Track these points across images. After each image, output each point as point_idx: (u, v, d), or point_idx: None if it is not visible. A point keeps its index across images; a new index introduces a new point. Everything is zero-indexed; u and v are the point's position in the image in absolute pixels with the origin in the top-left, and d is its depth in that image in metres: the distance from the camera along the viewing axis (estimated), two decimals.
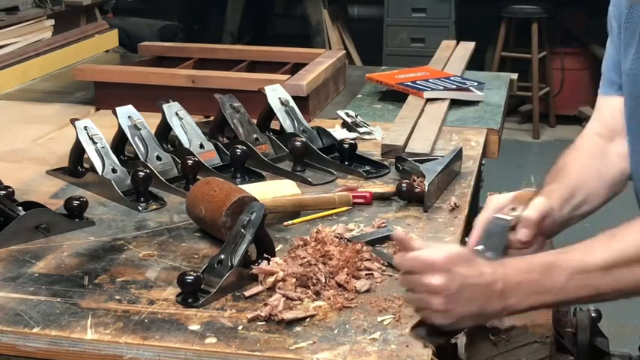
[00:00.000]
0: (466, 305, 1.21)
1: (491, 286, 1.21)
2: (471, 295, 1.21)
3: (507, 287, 1.21)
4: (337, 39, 6.56)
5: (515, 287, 1.22)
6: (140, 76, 2.53)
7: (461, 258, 1.23)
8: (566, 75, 6.53)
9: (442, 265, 1.21)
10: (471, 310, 1.22)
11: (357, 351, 1.25)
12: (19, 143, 2.27)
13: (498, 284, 1.21)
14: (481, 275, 1.22)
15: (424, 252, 1.25)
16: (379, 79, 2.75)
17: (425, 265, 1.23)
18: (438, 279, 1.21)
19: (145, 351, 1.28)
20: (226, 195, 1.62)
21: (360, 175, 1.99)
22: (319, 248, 1.49)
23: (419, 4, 6.37)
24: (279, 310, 1.34)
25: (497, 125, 2.39)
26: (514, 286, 1.22)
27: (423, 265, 1.23)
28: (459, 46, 3.24)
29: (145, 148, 1.97)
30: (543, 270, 1.22)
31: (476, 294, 1.21)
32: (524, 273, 1.23)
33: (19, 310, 1.37)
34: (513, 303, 1.22)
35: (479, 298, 1.21)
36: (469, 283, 1.21)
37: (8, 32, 3.18)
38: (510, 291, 1.22)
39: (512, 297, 1.22)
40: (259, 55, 2.87)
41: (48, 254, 1.59)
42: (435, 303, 1.22)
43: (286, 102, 2.18)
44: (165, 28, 6.37)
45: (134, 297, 1.42)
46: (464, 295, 1.21)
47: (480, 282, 1.21)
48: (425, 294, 1.23)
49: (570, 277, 1.22)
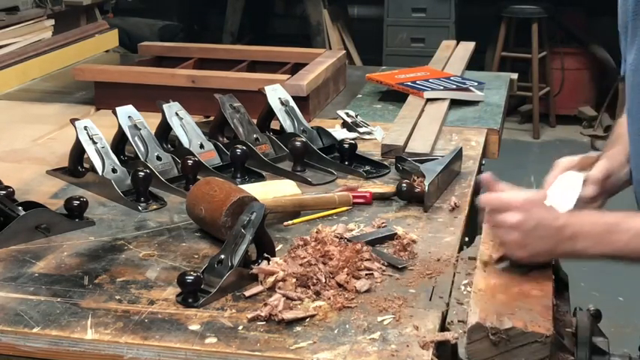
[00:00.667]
0: (539, 242, 1.38)
1: (562, 229, 1.38)
2: (544, 233, 1.38)
3: (577, 234, 1.37)
4: (337, 39, 6.56)
5: (583, 235, 1.38)
6: (140, 76, 2.53)
7: (538, 201, 1.42)
8: (566, 75, 6.54)
9: (521, 206, 1.39)
10: (544, 247, 1.38)
11: (357, 351, 1.25)
12: (19, 143, 2.28)
13: (569, 229, 1.38)
14: (555, 219, 1.39)
15: (507, 193, 1.44)
16: (379, 79, 2.75)
17: (506, 204, 1.40)
18: (517, 216, 1.38)
19: (145, 351, 1.28)
20: (226, 195, 1.62)
21: (360, 175, 1.99)
22: (319, 248, 1.49)
23: (419, 4, 6.37)
24: (279, 310, 1.34)
25: (497, 125, 2.39)
26: (583, 234, 1.38)
27: (505, 204, 1.41)
28: (459, 46, 3.24)
29: (145, 148, 1.97)
30: (610, 227, 1.38)
31: (548, 234, 1.38)
32: (592, 225, 1.39)
33: (19, 310, 1.37)
34: (580, 249, 1.38)
35: (551, 238, 1.38)
36: (543, 223, 1.38)
37: (8, 32, 3.18)
38: (579, 238, 1.37)
39: (580, 243, 1.37)
40: (259, 55, 2.87)
41: (48, 254, 1.59)
42: (513, 238, 1.39)
43: (286, 102, 2.18)
44: (165, 28, 6.37)
45: (134, 297, 1.42)
46: (538, 232, 1.37)
47: (553, 224, 1.38)
48: (505, 229, 1.40)
49: (631, 238, 1.37)
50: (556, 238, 1.38)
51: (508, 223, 1.40)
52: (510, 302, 1.31)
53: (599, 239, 1.38)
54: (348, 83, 2.87)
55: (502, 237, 1.42)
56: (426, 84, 2.62)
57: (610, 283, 3.91)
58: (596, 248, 1.38)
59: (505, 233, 1.41)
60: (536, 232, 1.38)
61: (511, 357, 1.23)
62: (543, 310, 1.28)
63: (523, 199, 1.41)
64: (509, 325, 1.23)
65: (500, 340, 1.23)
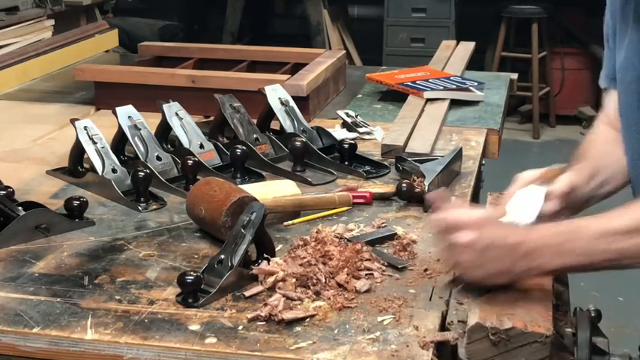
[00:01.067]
0: (494, 263, 1.31)
1: (517, 247, 1.31)
2: (498, 253, 1.31)
3: (533, 249, 1.31)
4: (337, 39, 6.56)
5: (540, 249, 1.31)
6: (140, 76, 2.53)
7: (490, 220, 1.37)
8: (566, 75, 6.54)
9: (473, 224, 1.33)
10: (499, 267, 1.32)
11: (357, 351, 1.25)
12: (19, 143, 2.28)
13: (524, 246, 1.31)
14: (507, 237, 1.32)
15: (458, 212, 1.37)
16: (379, 79, 2.75)
17: (458, 223, 1.34)
18: (469, 235, 1.32)
19: (145, 351, 1.28)
20: (226, 195, 1.62)
21: (360, 175, 1.99)
22: (319, 248, 1.49)
23: (419, 4, 6.37)
24: (279, 310, 1.34)
25: (497, 125, 2.39)
26: (539, 248, 1.31)
27: (456, 224, 1.34)
28: (459, 46, 3.24)
29: (145, 148, 1.97)
30: (567, 234, 1.32)
31: (502, 253, 1.31)
32: (549, 236, 1.32)
33: (19, 310, 1.37)
34: (539, 264, 1.31)
35: (505, 257, 1.31)
36: (496, 243, 1.31)
37: (8, 32, 3.19)
38: (536, 253, 1.31)
39: (538, 258, 1.31)
40: (259, 55, 2.87)
41: (48, 254, 1.59)
42: (467, 258, 1.33)
43: (286, 102, 2.18)
44: (165, 28, 6.38)
45: (134, 297, 1.42)
46: (491, 252, 1.31)
47: (507, 242, 1.31)
48: (456, 250, 1.34)
49: (592, 241, 1.30)
50: (511, 257, 1.31)
51: (460, 242, 1.33)
52: (510, 302, 1.31)
53: (556, 251, 1.31)
54: (348, 83, 2.87)
55: (455, 258, 1.36)
56: (426, 84, 2.62)
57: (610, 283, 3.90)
58: (556, 261, 1.32)
59: (458, 253, 1.35)
60: (490, 251, 1.31)
61: (511, 357, 1.23)
62: (543, 310, 1.28)
63: (475, 217, 1.35)
64: (509, 325, 1.23)
65: (500, 340, 1.23)
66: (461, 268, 1.37)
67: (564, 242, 1.31)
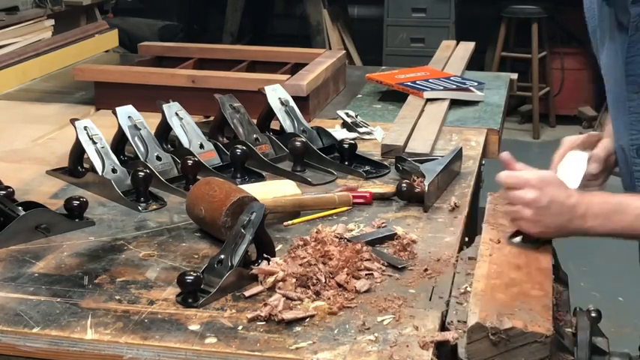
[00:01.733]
0: (552, 219, 1.47)
1: (574, 207, 1.47)
2: (557, 210, 1.47)
3: (588, 212, 1.47)
4: (337, 39, 6.56)
5: (593, 214, 1.47)
6: (140, 76, 2.53)
7: (553, 180, 1.50)
8: (566, 75, 6.53)
9: (536, 184, 1.47)
10: (556, 223, 1.48)
11: (357, 351, 1.25)
12: (19, 143, 2.28)
13: (581, 207, 1.47)
14: (568, 197, 1.47)
15: (523, 172, 1.52)
16: (379, 79, 2.75)
17: (522, 182, 1.49)
18: (532, 193, 1.46)
19: (145, 351, 1.28)
20: (226, 195, 1.62)
21: (360, 175, 1.99)
22: (319, 248, 1.49)
23: (419, 4, 6.36)
24: (279, 310, 1.34)
25: (497, 125, 2.39)
26: (592, 213, 1.47)
27: (520, 182, 1.49)
28: (459, 46, 3.24)
29: (145, 148, 1.97)
30: (617, 207, 1.48)
31: (561, 211, 1.47)
32: (601, 204, 1.48)
33: (19, 310, 1.37)
34: (589, 227, 1.48)
35: (563, 215, 1.47)
36: (557, 200, 1.46)
37: (8, 32, 3.18)
38: (589, 216, 1.47)
39: (589, 222, 1.47)
40: (259, 55, 2.87)
41: (48, 254, 1.59)
42: (527, 213, 1.48)
43: (286, 102, 2.18)
44: (165, 28, 6.37)
45: (134, 297, 1.42)
46: (551, 210, 1.46)
47: (566, 202, 1.47)
48: (520, 206, 1.48)
49: (636, 218, 1.47)
50: (568, 216, 1.47)
51: (524, 199, 1.47)
52: (510, 302, 1.31)
53: (606, 218, 1.47)
54: (348, 83, 2.87)
55: (517, 213, 1.50)
56: (425, 84, 2.62)
57: (610, 283, 3.91)
58: (604, 226, 1.48)
59: (520, 209, 1.49)
60: (550, 209, 1.46)
61: (511, 357, 1.23)
62: (543, 310, 1.28)
63: (538, 178, 1.49)
64: (509, 325, 1.23)
65: (500, 340, 1.23)
66: (522, 222, 1.50)
67: (614, 214, 1.47)
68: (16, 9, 3.37)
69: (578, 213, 1.47)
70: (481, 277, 1.39)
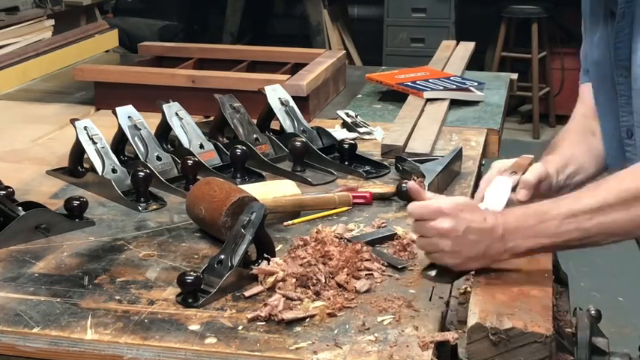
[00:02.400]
0: (471, 247, 1.36)
1: (493, 230, 1.36)
2: (476, 237, 1.36)
3: (507, 231, 1.36)
4: (337, 39, 6.56)
5: (513, 231, 1.36)
6: (140, 76, 2.53)
7: (466, 206, 1.39)
8: (566, 75, 6.53)
9: (450, 212, 1.36)
10: (476, 251, 1.36)
11: (357, 351, 1.25)
12: (19, 143, 2.28)
13: (499, 229, 1.36)
14: (484, 220, 1.36)
15: (434, 201, 1.42)
16: (379, 79, 2.75)
17: (435, 212, 1.37)
18: (447, 222, 1.36)
19: (145, 351, 1.28)
20: (226, 195, 1.62)
21: (360, 175, 1.99)
22: (319, 248, 1.49)
23: (419, 4, 6.37)
24: (279, 310, 1.34)
25: (497, 125, 2.39)
26: (513, 230, 1.36)
27: (433, 212, 1.38)
28: (459, 46, 3.24)
29: (145, 148, 1.97)
30: (538, 216, 1.36)
31: (480, 237, 1.36)
32: (520, 219, 1.37)
33: (19, 310, 1.37)
34: (513, 246, 1.36)
35: (482, 240, 1.36)
36: (474, 227, 1.35)
37: (8, 32, 3.18)
38: (510, 235, 1.36)
39: (512, 240, 1.36)
40: (259, 55, 2.87)
41: (48, 254, 1.59)
42: (444, 245, 1.36)
43: (286, 102, 2.18)
44: (165, 28, 6.38)
45: (134, 297, 1.42)
46: (469, 237, 1.35)
47: (483, 226, 1.36)
48: (435, 237, 1.37)
49: (561, 222, 1.35)
50: (488, 240, 1.36)
51: (439, 230, 1.36)
52: (510, 302, 1.30)
53: (529, 232, 1.36)
54: (348, 83, 2.87)
55: (434, 246, 1.39)
56: (425, 84, 2.62)
57: (610, 283, 3.91)
58: (529, 242, 1.36)
59: (437, 241, 1.37)
60: (467, 237, 1.36)
61: (511, 357, 1.23)
62: (543, 310, 1.28)
63: (451, 205, 1.38)
64: (509, 325, 1.23)
65: (500, 340, 1.23)
66: (439, 255, 1.39)
67: (535, 224, 1.35)
68: (16, 9, 3.36)
69: (497, 234, 1.36)
70: (481, 277, 1.39)
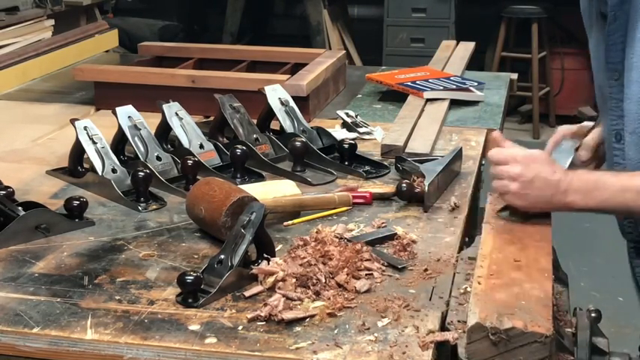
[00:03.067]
0: (537, 193, 1.56)
1: (558, 183, 1.56)
2: (542, 185, 1.56)
3: (569, 188, 1.56)
4: (337, 39, 6.56)
5: (575, 190, 1.56)
6: (140, 76, 2.53)
7: (540, 157, 1.60)
8: (566, 75, 6.53)
9: (522, 159, 1.58)
10: (541, 198, 1.56)
11: (357, 351, 1.25)
12: (19, 143, 2.28)
13: (563, 184, 1.56)
14: (552, 173, 1.56)
15: (511, 149, 1.63)
16: (379, 79, 2.75)
17: (509, 158, 1.59)
18: (518, 168, 1.57)
19: (145, 351, 1.28)
20: (226, 195, 1.62)
21: (360, 175, 1.99)
22: (319, 248, 1.49)
23: (419, 4, 6.36)
24: (279, 310, 1.34)
25: (497, 125, 2.39)
26: (575, 189, 1.56)
27: (507, 158, 1.59)
28: (459, 46, 3.25)
29: (145, 148, 1.97)
30: (595, 183, 1.56)
31: (545, 186, 1.56)
32: (581, 181, 1.57)
33: (19, 310, 1.37)
34: (570, 201, 1.56)
35: (547, 189, 1.56)
36: (541, 176, 1.56)
37: (8, 32, 3.18)
38: (570, 191, 1.56)
39: (570, 196, 1.56)
40: (259, 55, 2.87)
41: (48, 254, 1.59)
42: (513, 187, 1.57)
43: (286, 102, 2.18)
44: (165, 28, 6.37)
45: (134, 297, 1.42)
46: (536, 184, 1.56)
47: (550, 177, 1.56)
48: (506, 180, 1.58)
49: (615, 194, 1.55)
50: (551, 191, 1.55)
51: (509, 174, 1.57)
52: (510, 302, 1.31)
53: (586, 194, 1.55)
54: (348, 83, 2.87)
55: (504, 187, 1.58)
56: (425, 84, 2.62)
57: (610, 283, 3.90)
58: (583, 202, 1.55)
59: (507, 183, 1.58)
60: (534, 183, 1.56)
61: (511, 357, 1.23)
62: (543, 310, 1.28)
63: (524, 154, 1.59)
64: (509, 325, 1.23)
65: (500, 340, 1.23)
66: (509, 196, 1.59)
67: (593, 190, 1.55)
68: (16, 9, 3.36)
69: (561, 188, 1.55)
70: (481, 277, 1.39)
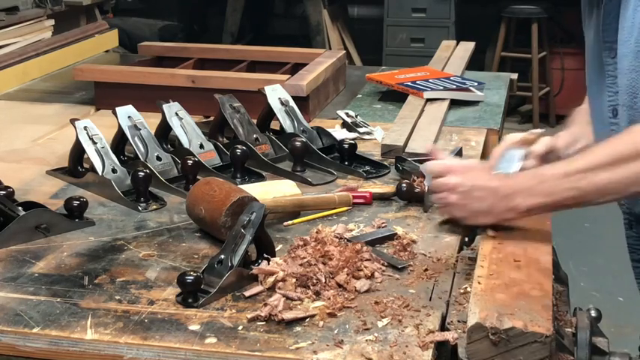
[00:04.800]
0: (477, 203, 1.53)
1: (497, 189, 1.52)
2: (481, 194, 1.53)
3: (510, 191, 1.51)
4: (337, 39, 6.57)
5: (516, 191, 1.51)
6: (140, 76, 2.53)
7: (476, 167, 1.62)
8: (566, 75, 6.54)
9: (459, 169, 1.58)
10: (482, 207, 1.53)
11: (357, 351, 1.25)
12: (19, 143, 2.28)
13: (503, 189, 1.52)
14: (490, 180, 1.55)
15: (447, 160, 1.66)
16: (379, 79, 2.75)
17: (446, 169, 1.59)
18: (455, 179, 1.55)
19: (145, 351, 1.28)
20: (226, 195, 1.62)
21: (360, 175, 1.99)
22: (319, 248, 1.49)
23: (419, 4, 6.37)
24: (279, 310, 1.34)
25: (497, 125, 2.39)
26: (515, 190, 1.51)
27: (444, 169, 1.60)
28: (458, 46, 3.25)
29: (145, 148, 1.97)
30: (536, 177, 1.51)
31: (485, 194, 1.52)
32: (522, 180, 1.53)
33: (19, 310, 1.37)
34: (515, 205, 1.50)
35: (487, 197, 1.52)
36: (479, 184, 1.53)
37: (8, 32, 3.18)
38: (512, 194, 1.51)
39: (514, 199, 1.50)
40: (259, 55, 2.87)
41: (48, 254, 1.59)
42: (452, 198, 1.56)
43: (286, 102, 2.18)
44: (165, 28, 6.38)
45: (134, 297, 1.42)
46: (475, 194, 1.53)
47: (489, 184, 1.53)
48: (445, 192, 1.56)
49: (557, 181, 1.48)
50: (492, 198, 1.52)
51: (448, 185, 1.56)
52: (510, 302, 1.31)
53: (530, 192, 1.49)
54: (348, 83, 2.87)
55: (444, 199, 1.58)
56: (425, 84, 2.62)
57: (610, 283, 3.91)
58: (530, 200, 1.49)
59: (446, 195, 1.56)
60: (473, 192, 1.53)
61: (511, 357, 1.23)
62: (543, 310, 1.28)
63: (461, 165, 1.61)
64: (509, 325, 1.23)
65: (500, 340, 1.23)
66: (449, 208, 1.58)
67: (534, 185, 1.49)
68: (16, 9, 3.36)
69: (501, 194, 1.51)
70: (481, 277, 1.39)
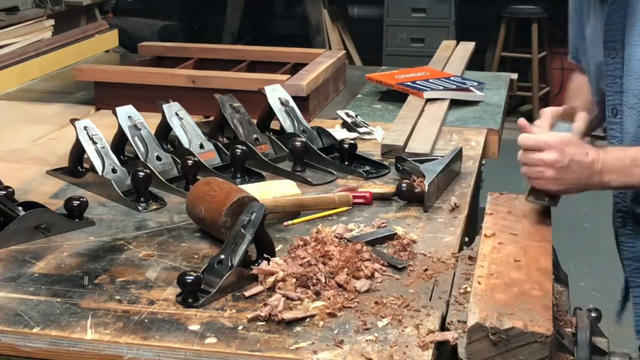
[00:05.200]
0: (573, 177, 1.59)
1: (593, 164, 1.59)
2: (577, 169, 1.59)
3: (605, 168, 1.60)
4: (337, 39, 6.56)
5: (611, 169, 1.60)
6: (140, 76, 2.53)
7: (571, 141, 1.61)
8: (566, 75, 6.52)
9: (556, 145, 1.59)
10: (577, 180, 1.59)
11: (357, 351, 1.25)
12: (19, 143, 2.28)
13: (599, 164, 1.59)
14: (586, 155, 1.59)
15: (542, 135, 1.64)
16: (379, 79, 2.75)
17: (542, 144, 1.60)
18: (554, 155, 1.58)
19: (145, 351, 1.28)
20: (226, 195, 1.62)
21: (360, 175, 1.99)
22: (319, 248, 1.49)
23: (419, 4, 6.37)
24: (279, 310, 1.34)
25: (497, 125, 2.39)
26: (610, 167, 1.60)
27: (540, 144, 1.60)
28: (458, 46, 3.24)
29: (145, 148, 1.97)
30: (632, 161, 1.60)
31: (580, 169, 1.59)
32: (617, 160, 1.61)
33: (19, 310, 1.37)
34: (607, 181, 1.60)
35: (583, 172, 1.59)
36: (576, 159, 1.58)
37: (8, 32, 3.18)
38: (606, 171, 1.60)
39: (607, 176, 1.60)
40: (259, 55, 2.87)
41: (48, 254, 1.59)
42: (549, 174, 1.59)
43: (286, 102, 2.18)
44: (165, 28, 6.37)
45: (134, 297, 1.42)
46: (572, 168, 1.58)
47: (585, 160, 1.59)
48: (541, 167, 1.60)
49: None
50: (587, 172, 1.59)
51: (545, 161, 1.59)
52: (510, 302, 1.31)
53: (622, 172, 1.60)
54: (348, 83, 2.87)
55: (539, 173, 1.60)
56: (425, 84, 2.62)
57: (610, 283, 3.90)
58: (620, 180, 1.60)
59: (543, 170, 1.60)
60: (571, 168, 1.58)
61: (511, 357, 1.23)
62: (543, 310, 1.28)
63: (558, 139, 1.60)
64: (509, 325, 1.23)
65: (500, 340, 1.23)
66: (543, 182, 1.61)
67: (629, 166, 1.60)
68: (16, 9, 3.36)
69: (596, 169, 1.59)
70: (481, 277, 1.39)
